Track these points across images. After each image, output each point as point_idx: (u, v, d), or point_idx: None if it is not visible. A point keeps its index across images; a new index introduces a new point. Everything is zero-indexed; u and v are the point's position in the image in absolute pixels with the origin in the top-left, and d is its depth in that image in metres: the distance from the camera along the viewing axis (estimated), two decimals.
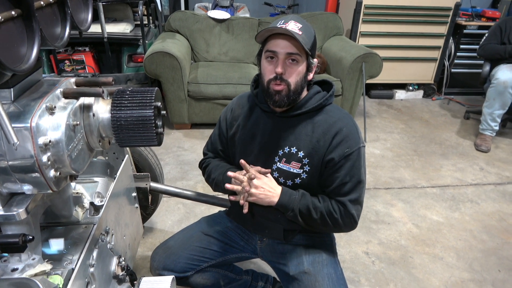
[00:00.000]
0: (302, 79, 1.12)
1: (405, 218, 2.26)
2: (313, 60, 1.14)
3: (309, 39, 1.09)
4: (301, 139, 1.16)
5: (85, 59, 3.29)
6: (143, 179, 1.60)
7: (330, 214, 1.15)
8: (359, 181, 1.16)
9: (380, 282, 1.78)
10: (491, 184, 2.67)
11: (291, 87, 1.11)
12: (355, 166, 1.14)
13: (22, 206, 0.78)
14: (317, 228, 1.23)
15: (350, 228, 1.20)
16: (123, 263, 1.16)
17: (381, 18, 3.87)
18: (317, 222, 1.17)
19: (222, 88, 3.08)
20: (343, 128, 1.14)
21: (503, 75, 2.99)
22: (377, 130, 3.48)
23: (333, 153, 1.13)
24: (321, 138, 1.14)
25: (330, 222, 1.16)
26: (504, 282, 1.81)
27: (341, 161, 1.13)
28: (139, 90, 0.88)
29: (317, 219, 1.16)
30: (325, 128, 1.15)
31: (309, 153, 1.16)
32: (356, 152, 1.14)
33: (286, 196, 1.16)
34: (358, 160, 1.15)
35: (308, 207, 1.15)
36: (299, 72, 1.11)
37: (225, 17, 3.61)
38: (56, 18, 0.85)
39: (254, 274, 1.54)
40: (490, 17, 4.08)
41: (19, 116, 0.71)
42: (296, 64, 1.09)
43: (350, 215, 1.16)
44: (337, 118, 1.16)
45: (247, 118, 1.27)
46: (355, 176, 1.15)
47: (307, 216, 1.16)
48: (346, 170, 1.14)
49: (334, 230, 1.24)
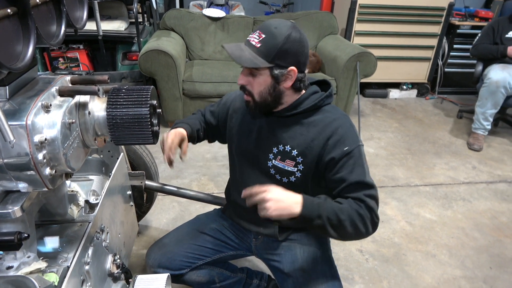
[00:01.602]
0: (269, 89, 1.11)
1: (399, 216, 2.28)
2: (283, 70, 1.08)
3: (270, 50, 1.05)
4: (296, 137, 1.17)
5: (79, 56, 3.27)
6: (138, 177, 1.60)
7: (357, 212, 1.05)
8: (366, 180, 1.10)
9: (373, 279, 1.80)
10: (483, 183, 2.70)
11: (255, 98, 1.13)
12: (358, 163, 1.11)
13: (18, 204, 0.78)
14: (345, 235, 1.08)
15: (374, 226, 1.09)
16: (118, 261, 1.17)
17: (375, 17, 3.89)
18: (346, 224, 1.04)
19: (217, 86, 3.08)
20: (338, 128, 1.13)
21: (495, 75, 3.02)
22: (371, 129, 3.50)
23: (332, 153, 1.11)
24: (316, 138, 1.14)
25: (359, 223, 1.05)
26: (495, 279, 1.84)
27: (342, 159, 1.10)
28: (134, 88, 0.88)
29: (345, 220, 1.03)
30: (320, 128, 1.15)
31: (303, 151, 1.16)
32: (356, 150, 1.11)
33: (309, 203, 1.04)
34: (360, 158, 1.12)
35: (334, 210, 1.04)
36: (261, 84, 1.10)
37: (220, 15, 3.60)
38: (51, 16, 0.85)
39: (249, 271, 1.55)
40: (483, 17, 4.12)
41: (15, 114, 0.71)
42: (256, 76, 1.10)
43: (371, 209, 1.06)
44: (333, 119, 1.16)
45: (245, 114, 1.28)
46: (362, 175, 1.09)
47: (335, 221, 1.04)
48: (350, 168, 1.10)
49: (362, 232, 1.07)
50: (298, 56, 1.09)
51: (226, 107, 1.36)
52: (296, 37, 1.06)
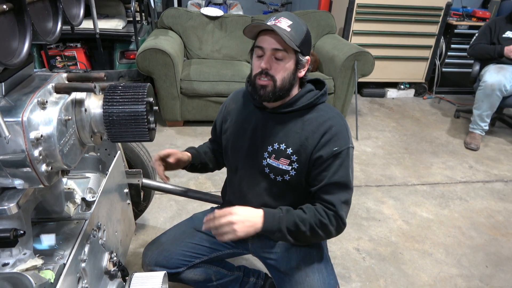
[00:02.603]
0: (290, 76, 1.12)
1: (396, 215, 2.28)
2: (304, 58, 1.13)
3: (299, 36, 1.09)
4: (290, 136, 1.17)
5: (77, 55, 3.26)
6: (135, 176, 1.60)
7: (319, 222, 1.11)
8: (346, 182, 1.14)
9: (370, 278, 1.80)
10: (479, 182, 2.71)
11: (277, 83, 1.11)
12: (344, 165, 1.13)
13: (13, 200, 0.78)
14: (307, 242, 1.19)
15: (339, 232, 1.16)
16: (115, 258, 1.17)
17: (373, 17, 3.90)
18: (307, 234, 1.12)
19: (215, 85, 3.07)
20: (332, 127, 1.14)
21: (490, 78, 3.03)
22: (369, 128, 3.50)
23: (321, 151, 1.13)
24: (310, 136, 1.15)
25: (320, 230, 1.12)
26: (491, 277, 1.85)
27: (330, 159, 1.12)
28: (131, 86, 0.88)
29: (305, 231, 1.11)
30: (314, 126, 1.15)
31: (297, 150, 1.16)
32: (345, 151, 1.13)
33: (270, 217, 1.10)
34: (347, 160, 1.14)
35: (295, 222, 1.10)
36: (286, 69, 1.11)
37: (218, 14, 3.60)
38: (48, 12, 0.84)
39: (245, 270, 1.55)
40: (480, 17, 4.13)
41: (11, 111, 0.71)
42: (283, 60, 1.10)
43: (338, 217, 1.12)
44: (328, 117, 1.16)
45: (239, 113, 1.28)
46: (344, 177, 1.13)
47: (295, 232, 1.11)
48: (335, 169, 1.12)
49: (324, 238, 1.18)
50: (310, 49, 1.17)
51: (220, 116, 1.38)
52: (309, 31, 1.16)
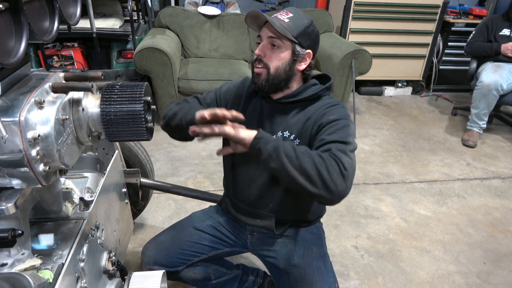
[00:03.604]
0: (286, 66, 1.15)
1: (394, 212, 2.29)
2: (302, 50, 1.15)
3: (297, 27, 1.12)
4: (293, 123, 1.19)
5: (74, 54, 3.25)
6: (133, 175, 1.60)
7: (318, 156, 0.97)
8: (346, 140, 1.03)
9: (368, 275, 1.81)
10: (477, 179, 2.73)
11: (270, 71, 1.14)
12: (343, 129, 1.07)
13: (11, 200, 0.78)
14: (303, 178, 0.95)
15: (344, 178, 0.95)
16: (114, 258, 1.16)
17: (371, 15, 3.90)
18: (303, 165, 0.95)
19: (212, 84, 3.07)
20: (332, 106, 1.16)
21: (486, 77, 3.04)
22: (367, 126, 3.51)
23: (320, 120, 1.13)
24: (311, 116, 1.16)
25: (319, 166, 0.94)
26: (489, 274, 1.86)
27: (329, 124, 1.09)
28: (128, 85, 0.87)
29: (303, 159, 0.95)
30: (317, 109, 1.18)
31: (299, 132, 1.17)
32: (344, 120, 1.09)
33: (266, 134, 1.01)
34: (346, 127, 1.08)
35: (293, 146, 0.98)
36: (281, 58, 1.14)
37: (215, 13, 3.60)
38: (44, 11, 0.84)
39: (244, 268, 1.56)
40: (477, 15, 4.14)
41: (7, 111, 0.71)
42: (278, 49, 1.13)
43: (337, 159, 0.97)
44: (331, 105, 1.18)
45: (247, 101, 1.29)
46: (344, 137, 1.04)
47: (291, 157, 0.96)
48: (332, 130, 1.07)
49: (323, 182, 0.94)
50: (315, 44, 1.19)
51: (227, 93, 1.32)
52: (316, 27, 1.19)
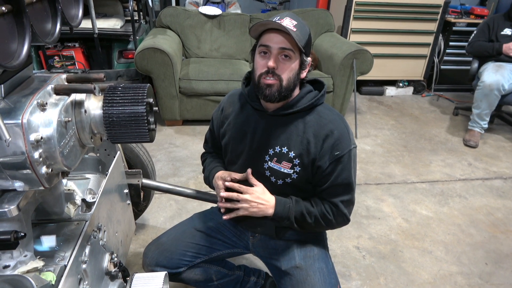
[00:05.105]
0: (295, 76, 1.12)
1: (395, 213, 2.29)
2: (307, 58, 1.14)
3: (303, 36, 1.08)
4: (292, 139, 1.16)
5: (75, 55, 3.25)
6: (135, 176, 1.60)
7: (324, 216, 1.19)
8: (349, 183, 1.18)
9: (370, 276, 1.81)
10: (479, 179, 2.72)
11: (283, 83, 1.10)
12: (346, 168, 1.16)
13: (14, 203, 0.78)
14: (311, 230, 1.28)
15: (342, 225, 1.26)
16: (116, 259, 1.16)
17: (372, 15, 3.89)
18: (312, 225, 1.21)
19: (213, 84, 3.07)
20: (334, 131, 1.14)
21: (488, 78, 3.03)
22: (368, 126, 3.51)
23: (324, 158, 1.15)
24: (312, 140, 1.15)
25: (324, 223, 1.21)
26: (491, 275, 1.85)
27: (332, 164, 1.15)
28: (131, 87, 0.87)
29: (311, 223, 1.20)
30: (316, 130, 1.15)
31: (300, 154, 1.16)
32: (347, 155, 1.15)
33: (281, 206, 1.19)
34: (349, 162, 1.16)
35: (302, 213, 1.19)
36: (292, 69, 1.10)
37: (216, 13, 3.59)
38: (46, 13, 0.84)
39: (246, 269, 1.55)
40: (478, 15, 4.13)
41: (10, 113, 0.71)
42: (289, 60, 1.09)
43: (342, 214, 1.21)
44: (329, 120, 1.16)
45: (237, 117, 1.26)
46: (346, 179, 1.17)
47: (301, 222, 1.21)
48: (337, 173, 1.16)
49: (327, 229, 1.28)
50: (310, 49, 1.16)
51: (217, 122, 1.34)
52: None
